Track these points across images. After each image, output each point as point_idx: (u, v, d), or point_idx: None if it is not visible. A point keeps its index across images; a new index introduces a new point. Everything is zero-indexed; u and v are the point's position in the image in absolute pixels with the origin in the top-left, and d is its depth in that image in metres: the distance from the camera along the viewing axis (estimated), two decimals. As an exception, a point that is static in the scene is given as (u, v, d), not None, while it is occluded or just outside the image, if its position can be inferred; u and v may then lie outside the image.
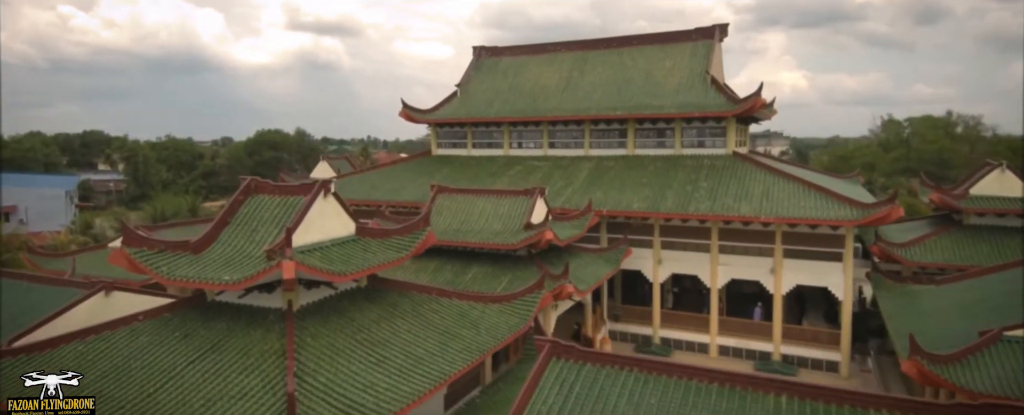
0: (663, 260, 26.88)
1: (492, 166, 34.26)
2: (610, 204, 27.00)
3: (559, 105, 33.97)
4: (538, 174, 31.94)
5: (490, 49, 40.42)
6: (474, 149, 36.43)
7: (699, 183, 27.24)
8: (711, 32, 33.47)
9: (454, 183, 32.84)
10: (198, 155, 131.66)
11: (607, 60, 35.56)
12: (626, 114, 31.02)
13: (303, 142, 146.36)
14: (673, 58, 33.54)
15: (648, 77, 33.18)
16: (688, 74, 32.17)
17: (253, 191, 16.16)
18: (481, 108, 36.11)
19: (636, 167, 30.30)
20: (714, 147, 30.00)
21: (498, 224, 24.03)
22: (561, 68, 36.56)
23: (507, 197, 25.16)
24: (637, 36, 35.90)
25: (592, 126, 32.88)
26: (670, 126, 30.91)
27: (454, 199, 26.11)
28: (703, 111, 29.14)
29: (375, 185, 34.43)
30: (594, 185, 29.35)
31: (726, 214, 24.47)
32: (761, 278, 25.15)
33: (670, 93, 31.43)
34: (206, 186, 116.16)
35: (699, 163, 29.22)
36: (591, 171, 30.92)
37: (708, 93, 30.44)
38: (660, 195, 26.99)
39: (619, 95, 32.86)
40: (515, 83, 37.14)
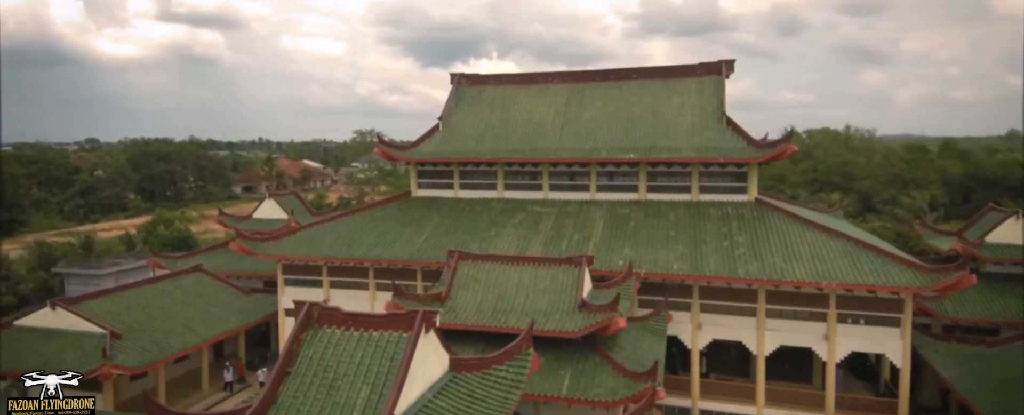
0: (703, 325, 24.79)
1: (488, 212, 30.72)
2: (645, 263, 24.51)
3: (560, 144, 31.07)
4: (547, 223, 28.87)
5: (470, 77, 36.71)
6: (462, 191, 32.64)
7: (735, 238, 25.45)
8: (718, 68, 32.03)
9: (450, 234, 29.11)
10: (74, 169, 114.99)
11: (607, 94, 33.14)
12: (640, 157, 28.72)
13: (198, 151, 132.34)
14: (680, 95, 31.74)
15: (656, 115, 31.11)
16: (699, 113, 30.46)
17: (318, 322, 11.88)
18: (470, 145, 32.40)
19: (655, 215, 28.08)
20: (734, 194, 28.43)
21: (543, 302, 20.77)
22: (556, 101, 33.67)
23: (547, 266, 21.95)
24: (636, 69, 33.78)
25: (599, 168, 30.30)
26: (686, 170, 29.00)
27: (481, 268, 22.50)
28: (726, 156, 27.46)
29: (353, 237, 29.72)
30: (616, 238, 26.76)
31: (779, 278, 22.77)
32: (813, 344, 23.72)
33: (684, 134, 29.53)
34: (85, 205, 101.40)
35: (724, 212, 27.50)
36: (606, 220, 28.31)
37: (726, 136, 28.85)
38: (697, 252, 24.89)
39: (627, 134, 30.52)
40: (505, 117, 33.76)
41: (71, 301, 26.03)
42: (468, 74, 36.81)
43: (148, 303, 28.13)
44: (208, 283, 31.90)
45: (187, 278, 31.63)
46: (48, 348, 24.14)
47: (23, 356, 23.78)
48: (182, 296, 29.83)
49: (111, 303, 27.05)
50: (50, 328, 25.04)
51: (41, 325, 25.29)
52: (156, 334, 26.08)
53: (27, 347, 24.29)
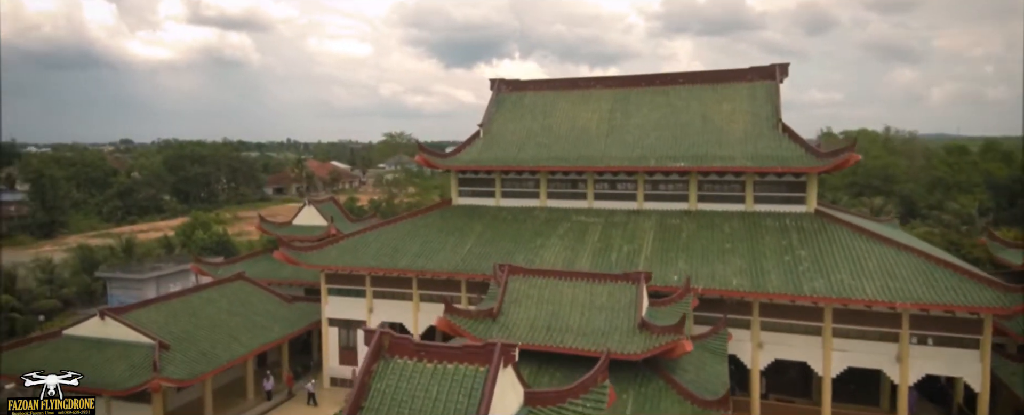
0: (764, 343, 23.73)
1: (532, 221, 30.01)
2: (702, 278, 23.54)
3: (606, 151, 30.22)
4: (594, 233, 28.05)
5: (510, 83, 36.05)
6: (503, 199, 31.99)
7: (797, 252, 24.31)
8: (771, 72, 30.83)
9: (494, 244, 28.50)
10: (111, 171, 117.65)
11: (653, 100, 32.16)
12: (691, 166, 27.71)
13: (231, 153, 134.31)
14: (731, 100, 30.62)
15: (706, 122, 30.05)
16: (752, 119, 29.31)
17: (389, 352, 11.31)
18: (512, 153, 31.74)
19: (708, 226, 27.05)
20: (792, 204, 27.25)
21: (600, 320, 19.97)
22: (600, 108, 32.81)
23: (603, 282, 21.12)
24: (683, 74, 32.76)
25: (647, 177, 29.36)
26: (740, 179, 27.90)
27: (532, 283, 21.76)
28: (784, 165, 26.31)
29: (396, 247, 29.30)
30: (669, 250, 25.83)
31: (848, 296, 21.62)
32: (883, 366, 22.50)
33: (736, 141, 28.43)
34: (123, 207, 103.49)
35: (782, 224, 26.36)
36: (656, 231, 27.38)
37: (782, 143, 27.68)
38: (756, 267, 23.83)
39: (676, 142, 29.52)
40: (547, 124, 33.02)
41: (119, 311, 26.06)
42: (508, 80, 36.15)
43: (194, 312, 28.09)
44: (251, 291, 31.82)
45: (231, 286, 31.58)
46: (98, 359, 24.16)
47: (74, 367, 23.71)
48: (226, 304, 29.76)
49: (158, 312, 27.05)
50: (99, 338, 25.08)
51: (90, 335, 25.35)
52: (203, 344, 25.98)
53: (77, 357, 24.34)
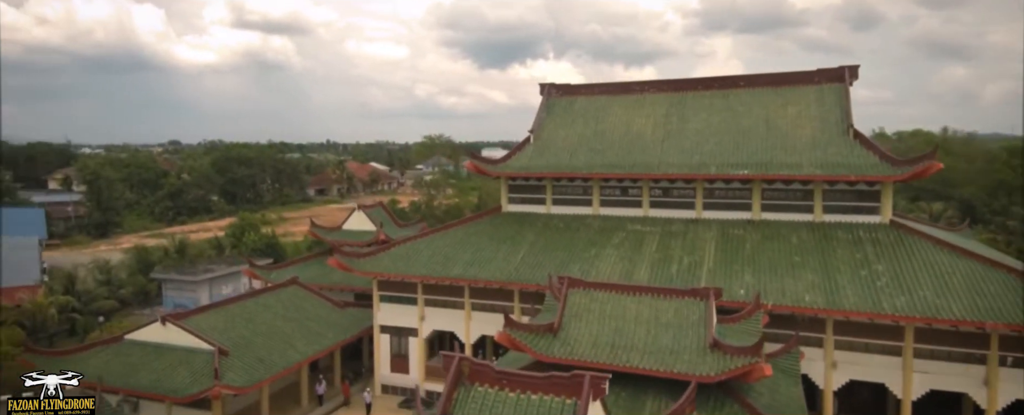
0: (838, 363, 22.48)
1: (585, 230, 29.29)
2: (771, 294, 22.44)
3: (662, 158, 29.27)
4: (651, 243, 27.16)
5: (560, 87, 35.39)
6: (554, 207, 31.34)
7: (873, 266, 22.97)
8: (839, 74, 29.35)
9: (546, 253, 27.89)
10: (162, 173, 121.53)
11: (711, 104, 31.04)
12: (756, 174, 26.55)
13: (275, 155, 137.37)
14: (796, 104, 29.28)
15: (770, 127, 28.81)
16: (821, 124, 27.94)
17: (469, 379, 10.82)
18: (563, 160, 31.07)
19: (774, 237, 25.86)
20: (865, 214, 25.82)
21: (668, 338, 19.15)
22: (655, 112, 31.85)
23: (669, 298, 20.29)
24: (744, 77, 31.54)
25: (707, 185, 28.30)
26: (808, 188, 26.61)
27: (594, 297, 21.08)
28: (857, 173, 24.94)
29: (448, 255, 28.98)
30: (733, 263, 24.77)
31: (933, 315, 20.24)
32: (969, 389, 21.03)
33: (804, 148, 27.13)
34: (173, 207, 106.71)
35: (855, 236, 24.98)
36: (718, 241, 26.33)
37: (853, 150, 26.27)
38: (830, 282, 22.59)
39: (737, 148, 28.37)
40: (600, 129, 32.23)
41: (180, 316, 26.45)
42: (558, 84, 35.48)
43: (251, 318, 28.35)
44: (304, 297, 32.00)
45: (285, 291, 31.81)
46: (159, 364, 24.53)
47: (136, 372, 24.26)
48: (281, 310, 29.97)
49: (217, 318, 27.37)
50: (160, 343, 25.48)
51: (151, 340, 25.78)
52: (260, 350, 26.16)
53: (139, 362, 24.77)
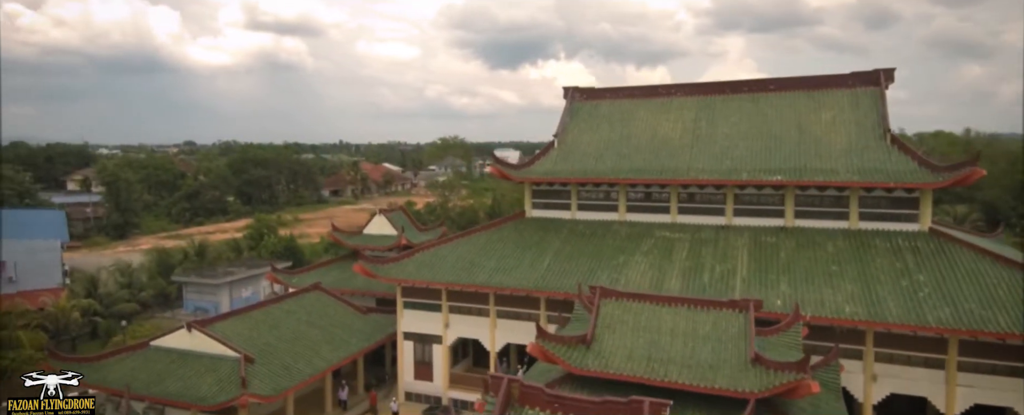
0: (878, 376, 21.84)
1: (612, 236, 28.80)
2: (809, 304, 21.84)
3: (691, 163, 28.72)
4: (681, 250, 26.62)
5: (584, 91, 34.94)
6: (580, 212, 30.90)
7: (914, 276, 22.29)
8: (875, 78, 28.64)
9: (573, 260, 27.44)
10: (179, 174, 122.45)
11: (741, 108, 30.45)
12: (789, 180, 25.94)
13: (291, 156, 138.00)
14: (830, 109, 28.62)
15: (803, 132, 28.16)
16: (856, 129, 27.27)
17: (519, 401, 10.42)
18: (589, 164, 30.62)
19: (809, 245, 25.23)
20: (903, 222, 25.12)
21: (706, 351, 18.63)
22: (683, 116, 31.30)
23: (706, 309, 19.78)
24: (774, 80, 30.91)
25: (738, 190, 27.71)
26: (843, 194, 25.94)
27: (627, 308, 20.60)
28: (896, 180, 24.26)
29: (473, 261, 28.62)
30: (767, 271, 24.18)
31: (980, 328, 19.56)
32: (1016, 404, 20.30)
33: (839, 153, 26.48)
34: (190, 208, 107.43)
35: (893, 244, 24.30)
36: (750, 249, 25.74)
37: (891, 155, 25.58)
38: (870, 292, 21.95)
39: (769, 153, 27.77)
40: (626, 133, 31.73)
41: (205, 323, 26.27)
42: (582, 88, 35.02)
43: (275, 324, 28.16)
44: (328, 302, 31.78)
45: (308, 296, 31.62)
46: (186, 372, 24.37)
47: (163, 379, 24.12)
48: (305, 316, 29.76)
49: (242, 324, 27.20)
50: (186, 350, 25.33)
51: (177, 346, 25.63)
52: (285, 357, 25.94)
53: (165, 370, 24.63)
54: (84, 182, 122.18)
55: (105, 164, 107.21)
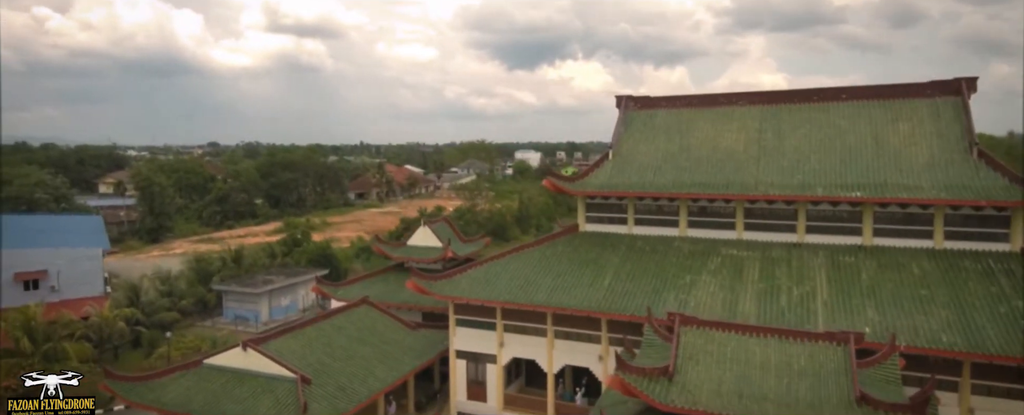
0: (975, 410, 20.43)
1: (674, 254, 27.62)
2: (903, 332, 20.43)
3: (759, 177, 27.44)
4: (751, 270, 25.36)
5: (638, 99, 33.79)
6: (637, 227, 29.76)
7: (1012, 302, 20.80)
8: (956, 87, 27.10)
9: (635, 280, 26.31)
10: (209, 177, 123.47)
11: (810, 118, 29.07)
12: (869, 197, 24.55)
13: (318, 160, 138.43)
14: (908, 120, 27.13)
15: (879, 144, 26.73)
16: (938, 142, 25.78)
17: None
18: (647, 177, 29.48)
19: (892, 267, 23.81)
20: (991, 241, 23.60)
21: (803, 388, 17.44)
22: (746, 127, 30.01)
23: (800, 341, 18.57)
24: (846, 89, 29.46)
25: (810, 207, 26.37)
26: (927, 212, 24.48)
27: (711, 338, 19.48)
28: (988, 198, 22.77)
29: (528, 279, 27.65)
30: (851, 295, 22.82)
31: (1099, 362, 18.09)
32: None
33: (922, 168, 25.02)
34: (220, 211, 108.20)
35: (984, 266, 22.79)
36: (828, 270, 24.39)
37: (979, 171, 24.08)
38: (966, 319, 20.53)
39: (844, 167, 26.39)
40: (685, 145, 30.53)
41: (259, 341, 25.72)
42: (636, 97, 33.88)
43: (328, 341, 27.54)
44: (377, 318, 31.11)
45: (357, 312, 30.97)
46: (242, 392, 23.80)
47: (219, 400, 23.56)
48: (356, 333, 29.11)
49: (295, 342, 26.61)
50: (241, 369, 24.77)
51: (231, 365, 25.09)
52: (340, 377, 25.28)
53: (221, 390, 24.09)
54: (118, 186, 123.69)
55: (139, 168, 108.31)
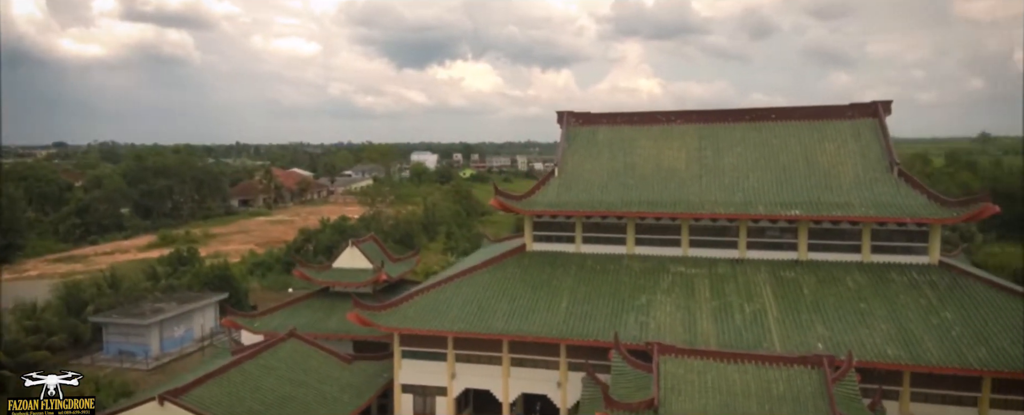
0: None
1: (625, 272, 27.54)
2: (854, 349, 21.48)
3: (702, 195, 28.09)
4: (702, 288, 25.82)
5: (580, 115, 33.50)
6: (585, 245, 29.43)
7: (942, 314, 22.74)
8: (873, 110, 29.37)
9: (592, 302, 25.94)
10: (66, 185, 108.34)
11: (746, 138, 30.24)
12: (807, 215, 25.89)
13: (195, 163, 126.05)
14: (832, 140, 29.00)
15: (810, 163, 28.31)
16: (862, 161, 27.75)
17: None
18: (595, 195, 29.22)
19: (829, 281, 25.24)
20: (912, 254, 25.75)
21: (785, 413, 17.70)
22: (686, 145, 30.66)
23: (776, 366, 18.91)
24: (776, 109, 30.97)
25: (751, 224, 27.38)
26: (856, 228, 26.24)
27: (690, 367, 19.37)
28: (911, 215, 24.79)
29: (482, 304, 26.32)
30: (799, 310, 23.84)
31: (1017, 369, 20.10)
32: (1048, 438, 21.15)
33: (850, 187, 26.79)
34: (81, 225, 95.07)
35: (910, 279, 24.79)
36: (773, 286, 25.39)
37: (900, 189, 26.18)
38: (906, 332, 22.09)
39: (780, 185, 27.68)
40: (630, 162, 30.63)
41: (177, 392, 22.11)
42: (577, 112, 33.61)
43: (256, 385, 24.35)
44: (308, 353, 28.10)
45: (284, 347, 27.75)
46: (160, 458, 20.31)
47: (133, 470, 19.95)
48: (286, 372, 26.05)
49: (219, 389, 23.21)
50: (156, 429, 21.17)
51: (144, 425, 21.39)
52: (277, 429, 22.40)
53: (133, 456, 20.43)
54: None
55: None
